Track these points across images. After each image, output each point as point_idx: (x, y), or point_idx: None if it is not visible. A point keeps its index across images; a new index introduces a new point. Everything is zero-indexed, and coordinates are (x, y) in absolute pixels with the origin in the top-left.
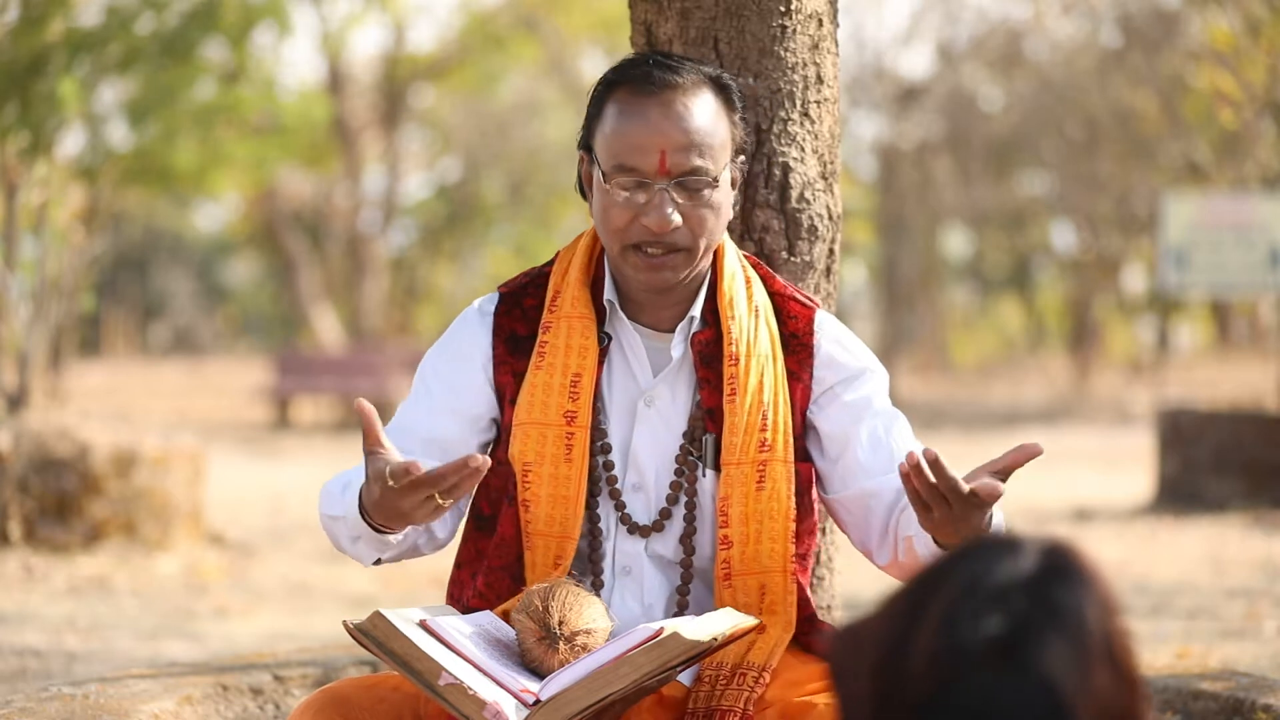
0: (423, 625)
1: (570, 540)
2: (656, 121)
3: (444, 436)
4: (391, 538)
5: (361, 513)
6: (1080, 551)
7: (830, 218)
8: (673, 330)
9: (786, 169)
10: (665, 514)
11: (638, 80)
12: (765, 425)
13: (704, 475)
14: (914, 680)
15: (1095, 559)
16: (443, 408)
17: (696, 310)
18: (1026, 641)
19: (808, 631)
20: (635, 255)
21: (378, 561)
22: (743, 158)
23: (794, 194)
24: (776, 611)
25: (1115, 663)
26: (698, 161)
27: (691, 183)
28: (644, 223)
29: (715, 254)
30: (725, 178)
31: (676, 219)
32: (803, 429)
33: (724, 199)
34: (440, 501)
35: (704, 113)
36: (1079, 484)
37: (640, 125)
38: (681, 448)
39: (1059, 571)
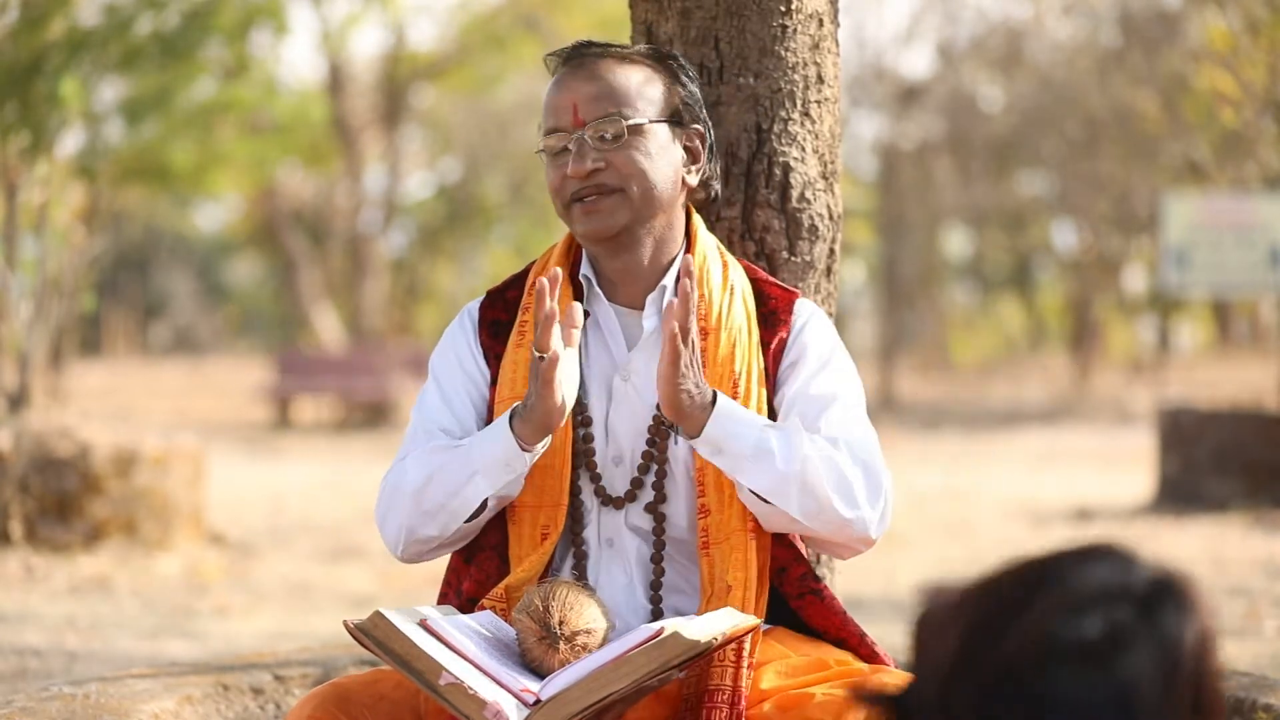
0: (423, 625)
1: (558, 509)
2: (569, 82)
3: (470, 428)
4: (529, 458)
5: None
6: (1193, 583)
7: (831, 217)
8: (645, 306)
9: (787, 169)
10: (637, 484)
11: (560, 61)
12: (736, 395)
13: (676, 444)
14: (1000, 655)
15: (1205, 595)
16: (459, 400)
17: (668, 280)
18: (1118, 649)
19: (800, 593)
20: (575, 209)
21: (474, 516)
22: (698, 126)
23: (794, 194)
24: (739, 570)
25: (1200, 694)
26: (610, 108)
27: (605, 126)
28: (566, 172)
29: (689, 236)
30: (657, 131)
31: (596, 162)
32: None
33: (656, 150)
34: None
35: (623, 72)
36: (1079, 484)
37: (557, 90)
38: (654, 418)
39: (1169, 595)
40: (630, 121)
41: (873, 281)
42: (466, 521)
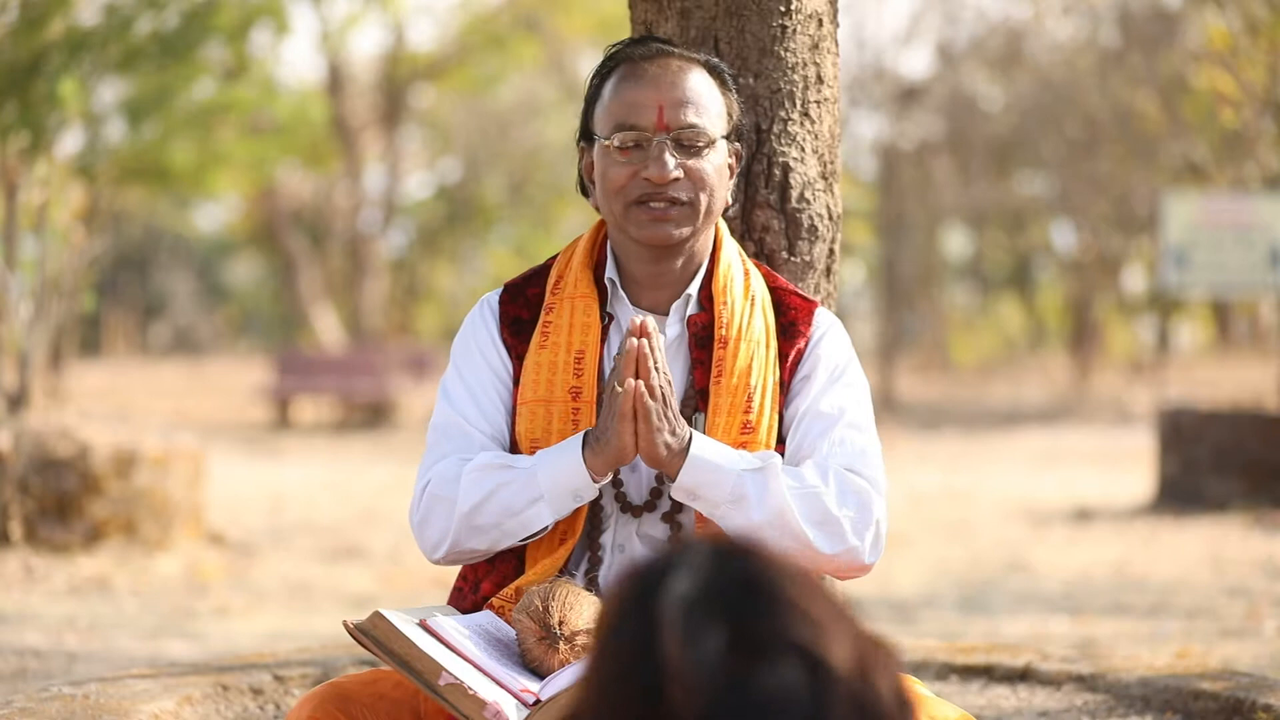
0: (423, 625)
1: (577, 515)
2: (654, 80)
3: (499, 424)
4: (598, 489)
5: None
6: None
7: (830, 217)
8: (669, 313)
9: (786, 169)
10: (655, 493)
11: (635, 52)
12: (750, 408)
13: None
14: (681, 706)
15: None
16: (486, 398)
17: (693, 289)
18: (756, 631)
19: None
20: (638, 211)
21: (531, 536)
22: (739, 144)
23: (794, 194)
24: None
25: (841, 613)
26: (694, 119)
27: (688, 137)
28: (644, 175)
29: (714, 243)
30: (722, 147)
31: (677, 171)
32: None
33: (720, 165)
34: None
35: (699, 80)
36: (1079, 484)
37: (638, 86)
38: None
39: (729, 567)
40: (714, 136)
41: (872, 281)
42: (521, 541)
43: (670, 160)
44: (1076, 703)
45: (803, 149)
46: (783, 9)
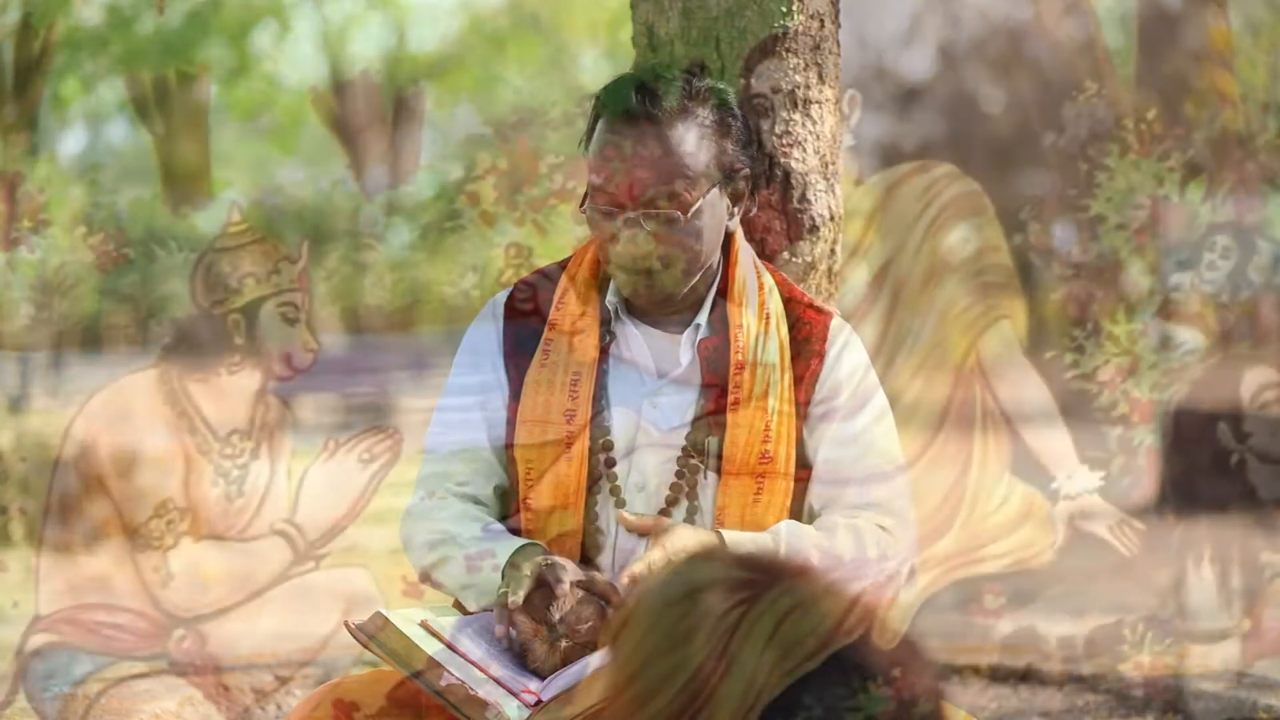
0: (424, 625)
1: (571, 539)
2: (628, 153)
3: (494, 437)
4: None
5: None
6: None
7: (832, 218)
8: (680, 329)
9: (788, 169)
10: (665, 515)
11: (619, 107)
12: (768, 436)
13: (705, 479)
14: None
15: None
16: (481, 412)
17: (702, 318)
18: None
19: None
20: (618, 272)
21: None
22: (745, 169)
23: (795, 194)
24: None
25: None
26: (668, 189)
27: (661, 210)
28: (616, 250)
29: (728, 259)
30: (708, 200)
31: (647, 246)
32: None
33: (705, 223)
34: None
35: (681, 142)
36: (1079, 484)
37: (614, 154)
38: (684, 449)
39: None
40: (691, 209)
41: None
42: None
43: (641, 237)
44: (1078, 703)
45: (804, 149)
46: (784, 9)
